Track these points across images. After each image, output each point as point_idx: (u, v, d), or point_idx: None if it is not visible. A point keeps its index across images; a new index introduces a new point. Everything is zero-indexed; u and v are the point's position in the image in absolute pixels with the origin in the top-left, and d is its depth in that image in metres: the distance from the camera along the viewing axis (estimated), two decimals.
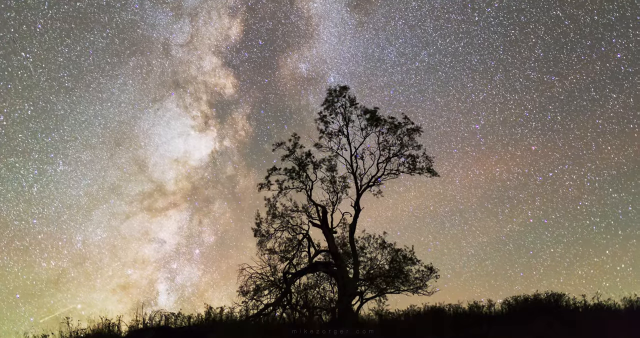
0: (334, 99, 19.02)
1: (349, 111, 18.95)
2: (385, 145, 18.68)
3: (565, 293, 17.99)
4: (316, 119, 19.16)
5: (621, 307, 17.80)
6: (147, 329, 13.86)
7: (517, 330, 15.17)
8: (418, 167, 18.48)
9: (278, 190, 18.83)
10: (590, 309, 17.42)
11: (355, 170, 18.68)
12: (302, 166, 18.77)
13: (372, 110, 18.72)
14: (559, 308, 17.29)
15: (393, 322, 16.74)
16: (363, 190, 18.49)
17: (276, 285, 17.86)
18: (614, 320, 15.99)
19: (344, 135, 18.90)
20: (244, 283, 17.82)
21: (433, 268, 17.72)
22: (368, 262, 18.46)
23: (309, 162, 18.85)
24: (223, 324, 14.69)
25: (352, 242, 17.92)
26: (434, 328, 15.46)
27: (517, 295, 18.28)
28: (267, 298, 17.65)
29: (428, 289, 17.53)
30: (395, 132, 18.62)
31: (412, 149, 18.61)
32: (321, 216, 18.58)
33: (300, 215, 18.85)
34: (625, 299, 18.12)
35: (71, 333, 13.80)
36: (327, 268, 17.99)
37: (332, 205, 18.69)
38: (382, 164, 18.64)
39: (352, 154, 18.77)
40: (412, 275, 17.65)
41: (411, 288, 17.51)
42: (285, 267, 18.24)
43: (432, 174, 18.53)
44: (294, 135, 18.93)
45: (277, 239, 18.82)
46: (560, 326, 15.55)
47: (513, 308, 17.64)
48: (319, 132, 19.08)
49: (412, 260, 17.80)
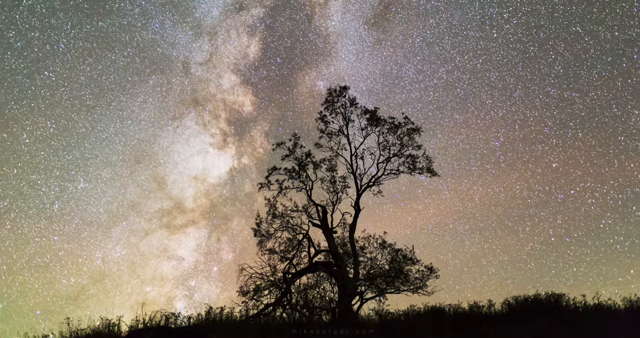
0: (334, 99, 19.03)
1: (349, 111, 18.96)
2: (386, 145, 18.69)
3: (565, 293, 18.02)
4: (316, 119, 19.19)
5: (621, 307, 17.81)
6: (147, 329, 13.84)
7: (517, 330, 15.16)
8: (418, 167, 18.50)
9: (278, 190, 18.84)
10: (590, 309, 17.43)
11: (355, 170, 18.70)
12: (302, 166, 18.77)
13: (372, 110, 18.73)
14: (559, 308, 17.29)
15: (393, 322, 16.73)
16: (363, 190, 18.49)
17: (276, 285, 17.86)
18: (614, 320, 15.99)
19: (344, 135, 18.91)
20: (244, 283, 17.83)
21: (433, 268, 17.74)
22: (368, 262, 18.47)
23: (309, 161, 18.86)
24: (223, 324, 14.68)
25: (352, 242, 17.92)
26: (434, 328, 15.45)
27: (517, 295, 18.31)
28: (267, 298, 17.66)
29: (428, 289, 17.56)
30: (395, 132, 18.62)
31: (412, 148, 18.63)
32: (321, 216, 18.58)
33: (300, 215, 18.87)
34: (625, 299, 18.14)
35: (71, 333, 13.79)
36: (327, 268, 17.98)
37: (332, 205, 18.70)
38: (382, 163, 18.66)
39: (352, 154, 18.79)
40: (412, 275, 17.65)
41: (411, 288, 17.52)
42: (285, 267, 18.24)
43: (432, 174, 18.54)
44: (294, 135, 18.96)
45: (277, 239, 18.84)
46: (560, 326, 15.56)
47: (513, 308, 17.64)
48: (319, 132, 19.11)
49: (412, 260, 17.81)
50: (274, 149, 18.98)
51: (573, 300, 17.89)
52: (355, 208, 18.25)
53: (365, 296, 17.77)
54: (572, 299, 17.91)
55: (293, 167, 18.84)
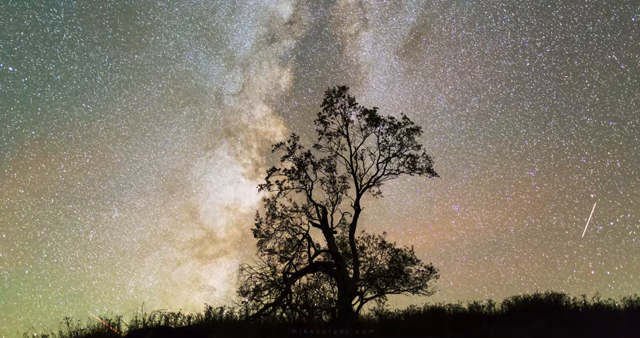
0: (332, 99, 19.04)
1: (349, 111, 18.98)
2: (385, 145, 18.71)
3: (565, 294, 18.01)
4: (315, 120, 19.19)
5: (621, 307, 17.79)
6: (147, 329, 13.84)
7: (517, 330, 15.16)
8: (418, 167, 18.51)
9: (278, 190, 18.85)
10: (590, 309, 17.42)
11: (355, 170, 18.71)
12: (302, 166, 18.79)
13: (372, 110, 18.74)
14: (559, 308, 17.29)
15: (393, 322, 16.74)
16: (363, 190, 18.50)
17: (276, 285, 17.87)
18: (614, 320, 15.99)
19: (344, 135, 18.92)
20: (244, 283, 17.84)
21: (433, 268, 17.76)
22: (368, 262, 18.48)
23: (309, 162, 18.87)
24: (223, 324, 14.68)
25: (352, 242, 17.93)
26: (434, 328, 15.46)
27: (517, 295, 18.30)
28: (267, 298, 17.66)
29: (428, 289, 17.57)
30: (394, 132, 18.64)
31: (412, 148, 18.64)
32: (321, 216, 18.59)
33: (300, 216, 18.88)
34: (625, 299, 18.13)
35: (71, 333, 13.79)
36: (327, 268, 17.99)
37: (332, 205, 18.72)
38: (382, 164, 18.67)
39: (352, 154, 18.80)
40: (412, 275, 17.67)
41: (411, 288, 17.53)
42: (285, 267, 18.25)
43: (432, 174, 18.55)
44: (293, 136, 18.96)
45: (277, 239, 18.85)
46: (560, 326, 15.55)
47: (513, 308, 17.64)
48: (318, 133, 19.12)
49: (412, 260, 17.82)
50: (274, 150, 19.02)
51: (573, 300, 17.90)
52: (355, 209, 18.26)
53: (365, 296, 17.78)
54: (572, 299, 17.92)
55: (292, 167, 18.87)
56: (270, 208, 18.90)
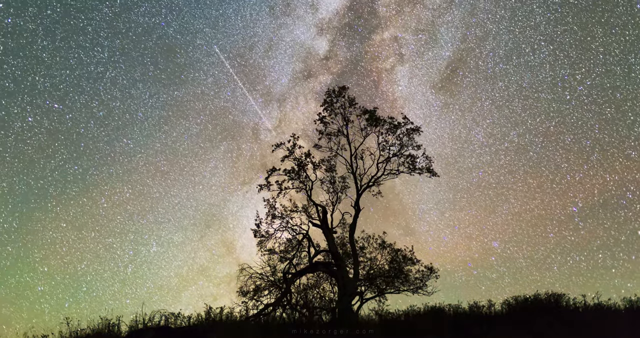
0: (332, 99, 19.04)
1: (349, 111, 18.97)
2: (385, 145, 18.71)
3: (565, 294, 17.99)
4: (315, 120, 19.19)
5: (621, 307, 17.77)
6: (147, 329, 13.85)
7: (517, 330, 15.15)
8: (418, 167, 18.51)
9: (278, 190, 18.85)
10: (590, 309, 17.39)
11: (355, 170, 18.71)
12: (302, 166, 18.79)
13: (372, 110, 18.74)
14: (559, 308, 17.26)
15: (393, 322, 16.72)
16: (363, 190, 18.51)
17: (276, 285, 17.87)
18: (614, 320, 15.97)
19: (344, 135, 18.93)
20: (244, 283, 17.85)
21: (433, 268, 17.76)
22: (368, 262, 18.47)
23: (309, 162, 18.88)
24: (223, 324, 14.67)
25: (352, 242, 17.93)
26: (434, 328, 15.44)
27: (517, 295, 18.28)
28: (267, 298, 17.67)
29: (428, 289, 17.57)
30: (394, 132, 18.64)
31: (412, 148, 18.64)
32: (321, 216, 18.59)
33: (300, 216, 18.88)
34: (625, 299, 18.11)
35: (71, 333, 13.78)
36: (327, 268, 17.99)
37: (332, 205, 18.72)
38: (382, 164, 18.67)
39: (352, 154, 18.80)
40: (412, 275, 17.67)
41: (411, 288, 17.53)
42: (285, 267, 18.25)
43: (432, 174, 18.55)
44: (293, 136, 18.95)
45: (277, 239, 18.86)
46: (560, 326, 15.54)
47: (513, 308, 17.61)
48: (318, 134, 19.13)
49: (412, 260, 17.82)
50: (274, 150, 19.02)
51: (573, 300, 17.87)
52: (355, 209, 18.27)
53: (365, 296, 17.78)
54: (572, 299, 17.88)
55: (292, 167, 18.87)
56: (270, 208, 18.90)
